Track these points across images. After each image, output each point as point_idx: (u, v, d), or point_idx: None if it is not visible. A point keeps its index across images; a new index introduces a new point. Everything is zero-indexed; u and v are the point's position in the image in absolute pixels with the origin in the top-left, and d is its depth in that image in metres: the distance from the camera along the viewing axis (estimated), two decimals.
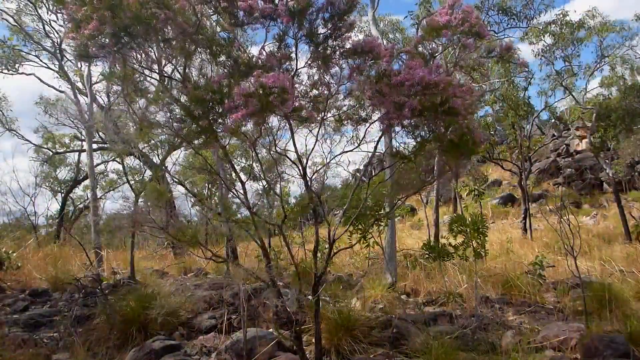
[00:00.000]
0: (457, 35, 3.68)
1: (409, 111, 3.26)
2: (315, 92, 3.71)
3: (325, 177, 4.34)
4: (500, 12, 12.34)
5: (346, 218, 4.63)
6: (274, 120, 3.81)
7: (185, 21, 3.26)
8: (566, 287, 6.23)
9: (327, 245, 4.04)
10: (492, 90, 14.02)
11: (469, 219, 6.09)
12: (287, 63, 3.53)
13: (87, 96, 10.05)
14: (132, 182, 9.90)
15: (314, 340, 4.01)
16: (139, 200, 7.14)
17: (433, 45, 3.92)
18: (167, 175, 7.84)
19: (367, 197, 4.42)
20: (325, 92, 3.71)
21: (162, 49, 3.51)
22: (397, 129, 3.85)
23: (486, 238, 6.07)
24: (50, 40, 11.94)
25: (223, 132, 3.49)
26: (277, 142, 3.97)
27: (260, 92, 2.97)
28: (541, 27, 13.16)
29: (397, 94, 3.33)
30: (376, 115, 3.76)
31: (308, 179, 3.92)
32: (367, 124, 3.90)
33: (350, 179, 8.53)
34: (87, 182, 16.42)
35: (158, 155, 10.91)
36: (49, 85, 17.37)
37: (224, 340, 4.61)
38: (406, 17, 12.33)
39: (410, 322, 4.80)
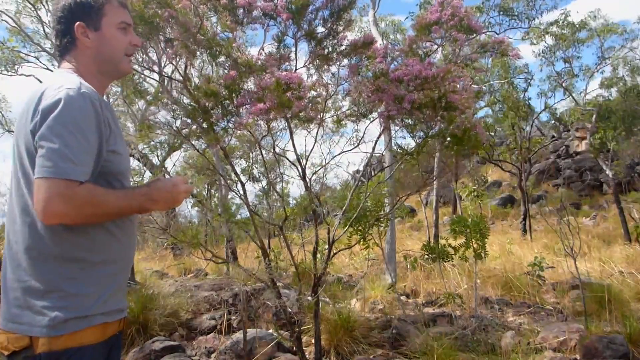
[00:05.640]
0: (449, 31, 3.70)
1: (408, 104, 3.25)
2: (313, 92, 3.71)
3: (325, 178, 4.35)
4: (502, 12, 12.36)
5: (346, 219, 4.63)
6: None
7: (187, 20, 3.26)
8: (566, 288, 6.23)
9: (326, 246, 4.04)
10: (492, 91, 14.03)
11: (470, 220, 6.08)
12: (286, 63, 3.53)
13: None
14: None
15: (313, 341, 4.01)
16: None
17: (427, 44, 3.93)
18: (166, 176, 7.83)
19: (366, 197, 4.42)
20: (324, 92, 3.71)
21: (163, 49, 3.50)
22: (397, 127, 3.84)
23: (487, 239, 6.07)
24: (50, 42, 11.94)
25: (235, 128, 3.47)
26: (276, 142, 3.97)
27: (278, 88, 2.99)
28: (542, 28, 13.18)
29: (397, 88, 3.33)
30: (375, 113, 3.76)
31: (307, 179, 3.93)
32: (367, 122, 3.90)
33: (350, 179, 8.53)
34: None
35: (157, 156, 10.94)
36: None
37: (224, 340, 4.61)
38: (407, 17, 12.39)
39: (409, 322, 4.80)
